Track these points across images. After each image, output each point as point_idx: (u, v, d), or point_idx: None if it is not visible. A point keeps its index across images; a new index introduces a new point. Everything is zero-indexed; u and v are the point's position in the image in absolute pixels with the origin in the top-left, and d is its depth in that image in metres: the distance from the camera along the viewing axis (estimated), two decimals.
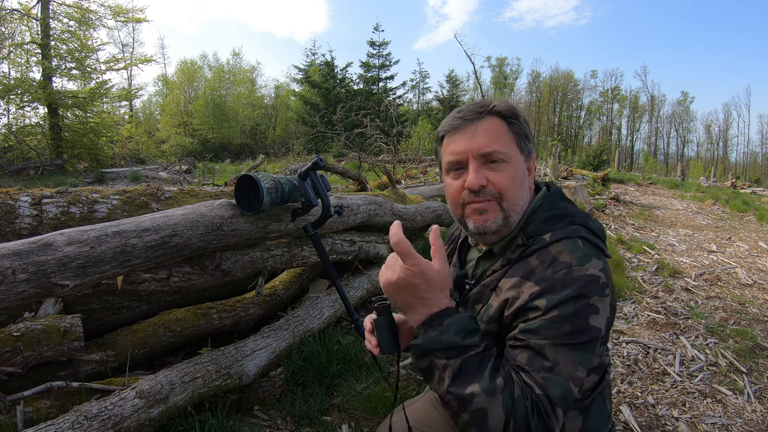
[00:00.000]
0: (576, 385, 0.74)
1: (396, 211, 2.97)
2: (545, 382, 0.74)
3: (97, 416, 1.33)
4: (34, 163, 13.03)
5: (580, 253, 0.81)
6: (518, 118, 0.91)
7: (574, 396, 0.74)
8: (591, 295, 0.77)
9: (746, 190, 13.77)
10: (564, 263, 0.80)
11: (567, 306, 0.76)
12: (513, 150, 0.89)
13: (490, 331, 0.88)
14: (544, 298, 0.77)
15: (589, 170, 13.56)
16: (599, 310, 0.77)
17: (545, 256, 0.82)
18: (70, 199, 1.72)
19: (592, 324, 0.77)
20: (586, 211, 0.95)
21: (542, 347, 0.75)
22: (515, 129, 0.90)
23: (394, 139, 8.14)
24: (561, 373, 0.74)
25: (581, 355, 0.75)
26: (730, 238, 6.25)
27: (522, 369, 0.76)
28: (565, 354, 0.75)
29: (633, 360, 2.64)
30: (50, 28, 14.95)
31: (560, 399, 0.73)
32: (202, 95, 31.62)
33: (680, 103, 48.60)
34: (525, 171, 0.92)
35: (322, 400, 1.94)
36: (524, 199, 0.91)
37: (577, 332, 0.76)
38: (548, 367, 0.75)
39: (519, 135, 0.91)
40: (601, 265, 0.81)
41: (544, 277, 0.79)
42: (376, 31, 33.44)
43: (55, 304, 1.77)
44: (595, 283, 0.78)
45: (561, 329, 0.76)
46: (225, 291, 2.50)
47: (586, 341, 0.76)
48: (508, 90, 46.52)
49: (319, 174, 1.69)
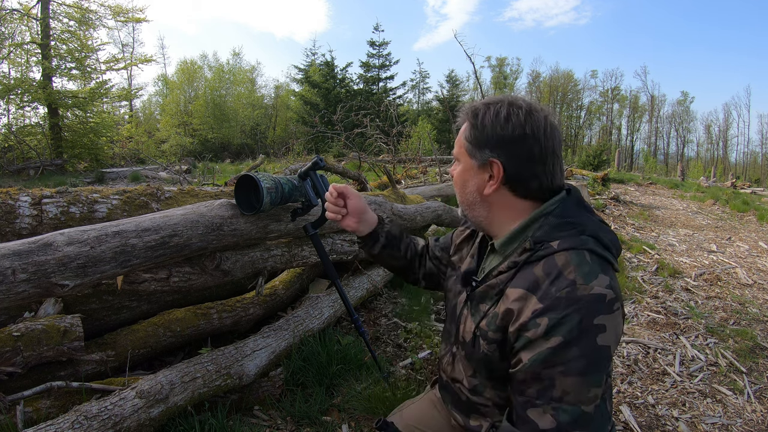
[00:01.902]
0: (588, 404, 0.76)
1: (396, 211, 2.97)
2: (556, 412, 0.75)
3: (97, 416, 1.33)
4: (34, 163, 13.02)
5: (586, 269, 0.79)
6: (473, 124, 0.92)
7: (588, 415, 0.76)
8: (596, 315, 0.76)
9: (746, 190, 13.76)
10: (568, 280, 0.78)
11: (571, 329, 0.75)
12: (462, 153, 0.96)
13: (497, 339, 0.88)
14: (546, 317, 0.77)
15: (589, 170, 13.57)
16: (606, 328, 0.76)
17: (551, 267, 0.81)
18: (70, 199, 1.72)
19: (600, 343, 0.76)
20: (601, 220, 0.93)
21: (552, 378, 0.76)
22: (468, 134, 0.93)
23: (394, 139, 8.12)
24: (571, 401, 0.75)
25: (591, 378, 0.76)
26: (730, 238, 6.25)
27: (533, 404, 0.78)
28: (574, 380, 0.75)
29: (633, 360, 2.64)
30: (50, 28, 14.93)
31: (570, 425, 0.75)
32: (202, 95, 31.62)
33: (680, 103, 48.64)
34: (472, 175, 0.94)
35: (322, 400, 1.94)
36: (467, 199, 0.98)
37: (586, 355, 0.75)
38: (558, 398, 0.76)
39: (468, 140, 0.93)
40: (608, 281, 0.79)
41: (548, 294, 0.78)
42: (376, 31, 33.45)
43: (55, 304, 1.77)
44: (600, 301, 0.77)
45: (568, 354, 0.75)
46: (225, 291, 2.50)
47: (596, 363, 0.76)
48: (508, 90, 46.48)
49: (319, 174, 1.69)
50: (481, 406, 0.97)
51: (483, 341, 0.91)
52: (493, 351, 0.89)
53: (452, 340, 1.06)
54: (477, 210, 0.96)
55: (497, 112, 0.88)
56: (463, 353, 0.99)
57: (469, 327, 0.96)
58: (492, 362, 0.90)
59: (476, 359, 0.94)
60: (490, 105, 0.90)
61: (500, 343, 0.87)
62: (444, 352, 1.11)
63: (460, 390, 1.02)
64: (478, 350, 0.92)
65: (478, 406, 0.98)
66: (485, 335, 0.90)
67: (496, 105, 0.90)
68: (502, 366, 0.88)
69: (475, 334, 0.93)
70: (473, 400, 0.99)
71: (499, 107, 0.89)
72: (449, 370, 1.06)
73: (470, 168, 0.94)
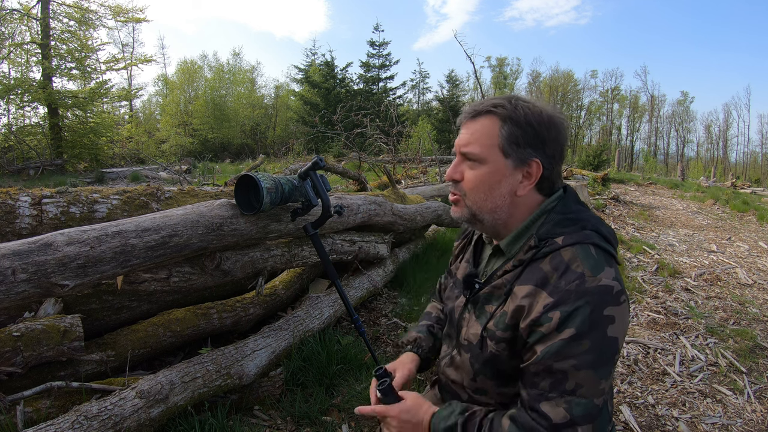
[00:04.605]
0: (599, 397, 0.78)
1: (396, 211, 2.97)
2: (569, 405, 0.77)
3: (97, 416, 1.33)
4: (34, 163, 13.02)
5: (592, 261, 0.81)
6: (515, 121, 0.87)
7: (598, 407, 0.78)
8: (605, 306, 0.78)
9: (746, 190, 13.76)
10: (577, 273, 0.80)
11: (583, 321, 0.77)
12: (492, 153, 0.88)
13: (506, 338, 0.88)
14: (558, 310, 0.78)
15: (589, 170, 13.56)
16: (615, 319, 0.78)
17: (558, 262, 0.82)
18: (70, 199, 1.72)
19: (610, 335, 0.78)
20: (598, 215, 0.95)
21: (565, 371, 0.77)
22: (505, 132, 0.88)
23: (394, 139, 8.12)
24: (584, 394, 0.77)
25: (602, 371, 0.78)
26: (730, 238, 6.25)
27: (546, 397, 0.79)
28: (586, 373, 0.77)
29: (633, 360, 2.64)
30: (50, 28, 14.91)
31: (583, 417, 0.77)
32: (202, 95, 31.58)
33: (680, 103, 48.60)
34: (508, 176, 0.89)
35: (322, 400, 1.94)
36: (495, 203, 0.91)
37: (597, 347, 0.77)
38: (571, 390, 0.77)
39: (507, 139, 0.88)
40: (614, 273, 0.81)
41: (558, 288, 0.80)
42: (376, 31, 33.39)
43: (55, 304, 1.77)
44: (608, 293, 0.78)
45: (580, 347, 0.77)
46: (225, 291, 2.50)
47: (607, 355, 0.78)
48: (508, 90, 46.48)
49: (319, 174, 1.69)
50: (483, 405, 0.97)
51: (491, 341, 0.91)
52: (502, 350, 0.89)
53: (453, 343, 1.06)
54: (500, 213, 0.92)
55: (539, 112, 0.88)
56: (467, 356, 0.99)
57: (474, 329, 0.96)
58: (500, 361, 0.91)
59: (482, 361, 0.94)
60: (523, 103, 0.89)
61: (510, 341, 0.88)
62: (444, 354, 1.12)
63: (461, 390, 1.03)
64: (485, 351, 0.93)
65: (480, 406, 0.98)
66: (493, 335, 0.90)
67: (528, 104, 0.89)
68: (510, 364, 0.89)
69: (482, 336, 0.93)
70: (475, 398, 0.99)
71: (535, 107, 0.89)
72: (449, 372, 1.07)
73: (503, 168, 0.89)
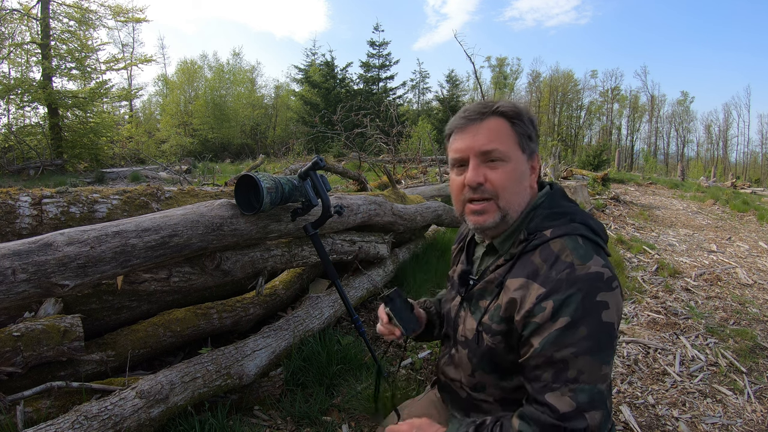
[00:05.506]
0: (602, 382, 0.79)
1: (396, 211, 2.97)
2: (574, 393, 0.77)
3: (97, 416, 1.33)
4: (34, 163, 13.02)
5: (581, 251, 0.83)
6: (521, 118, 0.93)
7: (602, 392, 0.78)
8: (597, 292, 0.79)
9: (746, 190, 13.77)
10: (566, 263, 0.81)
11: (576, 308, 0.77)
12: (513, 149, 0.91)
13: (501, 331, 0.89)
14: (551, 299, 0.79)
15: (589, 170, 13.57)
16: (609, 305, 0.79)
17: (548, 254, 0.84)
18: (70, 199, 1.72)
19: (605, 320, 0.78)
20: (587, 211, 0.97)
21: (565, 360, 0.78)
22: (518, 129, 0.92)
23: (394, 139, 8.12)
24: (587, 380, 0.77)
25: (602, 355, 0.78)
26: (730, 238, 6.25)
27: (550, 388, 0.79)
28: (586, 360, 0.77)
29: (633, 360, 2.64)
30: (50, 28, 14.91)
31: (589, 404, 0.77)
32: (202, 95, 31.58)
33: (680, 103, 48.58)
34: (526, 170, 0.94)
35: (322, 400, 1.94)
36: (523, 197, 0.94)
37: (593, 333, 0.77)
38: (574, 378, 0.78)
39: (521, 135, 0.92)
40: (603, 261, 0.83)
41: (549, 278, 0.81)
42: (376, 31, 33.39)
43: (55, 304, 1.77)
44: (599, 279, 0.80)
45: (577, 334, 0.77)
46: (225, 291, 2.50)
47: (604, 340, 0.78)
48: (508, 90, 46.48)
49: (319, 174, 1.69)
50: (482, 402, 0.98)
51: (487, 335, 0.92)
52: (498, 343, 0.90)
53: (451, 342, 1.07)
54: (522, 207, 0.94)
55: (529, 110, 0.95)
56: (464, 352, 1.00)
57: (470, 325, 0.98)
58: (497, 355, 0.91)
59: (479, 355, 0.95)
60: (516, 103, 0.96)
61: (505, 334, 0.89)
62: (442, 354, 1.14)
63: (459, 388, 1.04)
64: (482, 345, 0.94)
65: (479, 403, 0.99)
66: (489, 329, 0.91)
67: (519, 104, 0.96)
68: (507, 358, 0.90)
69: (477, 331, 0.94)
70: (474, 396, 1.00)
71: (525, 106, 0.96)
72: (448, 371, 1.08)
73: (523, 163, 0.93)
